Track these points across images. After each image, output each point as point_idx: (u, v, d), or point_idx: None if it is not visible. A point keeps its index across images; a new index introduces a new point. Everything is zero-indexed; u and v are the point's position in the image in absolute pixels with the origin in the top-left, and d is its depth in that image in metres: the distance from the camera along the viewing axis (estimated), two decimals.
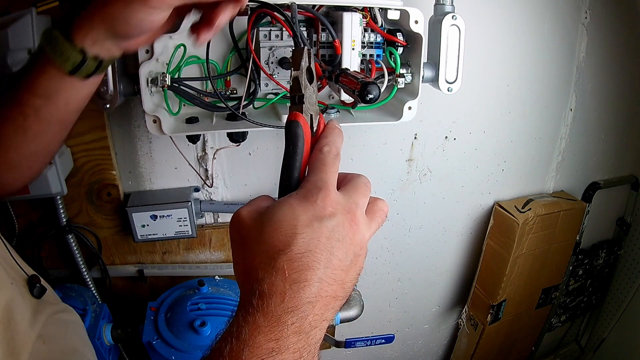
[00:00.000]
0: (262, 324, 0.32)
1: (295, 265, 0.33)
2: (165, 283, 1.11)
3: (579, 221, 1.38)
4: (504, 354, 1.55)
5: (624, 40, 1.25)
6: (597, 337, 1.71)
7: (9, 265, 0.53)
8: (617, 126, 1.39)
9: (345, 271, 0.36)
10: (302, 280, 0.33)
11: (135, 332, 0.93)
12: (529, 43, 1.15)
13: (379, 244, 1.32)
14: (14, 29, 0.73)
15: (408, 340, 1.58)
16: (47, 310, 0.55)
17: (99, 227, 1.03)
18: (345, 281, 0.36)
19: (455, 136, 1.21)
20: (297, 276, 0.33)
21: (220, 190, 1.09)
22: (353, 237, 0.36)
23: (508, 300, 1.37)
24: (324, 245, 0.34)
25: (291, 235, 0.34)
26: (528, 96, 1.22)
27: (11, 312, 0.48)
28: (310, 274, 0.33)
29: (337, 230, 0.35)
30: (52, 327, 0.55)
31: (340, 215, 0.36)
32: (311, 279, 0.33)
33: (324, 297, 0.34)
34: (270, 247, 0.34)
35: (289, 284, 0.33)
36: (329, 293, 0.34)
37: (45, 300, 0.56)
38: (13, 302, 0.49)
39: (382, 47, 0.79)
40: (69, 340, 0.58)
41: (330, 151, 0.39)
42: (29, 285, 0.55)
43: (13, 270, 0.54)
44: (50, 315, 0.55)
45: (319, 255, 0.34)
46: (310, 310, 0.33)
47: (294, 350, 0.32)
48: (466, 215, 1.36)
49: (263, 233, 0.35)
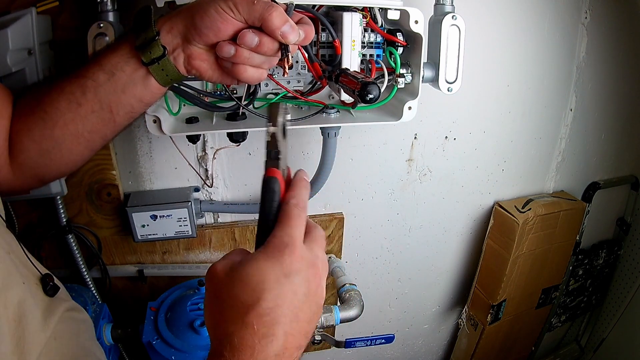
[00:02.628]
0: None
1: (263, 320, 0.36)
2: (165, 283, 1.11)
3: (579, 221, 1.38)
4: (504, 354, 1.55)
5: (624, 40, 1.24)
6: (597, 337, 1.71)
7: (22, 264, 0.54)
8: (617, 126, 1.39)
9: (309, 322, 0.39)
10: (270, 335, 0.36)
11: (135, 332, 0.93)
12: (529, 43, 1.15)
13: (379, 243, 1.32)
14: (14, 29, 0.73)
15: (408, 340, 1.58)
16: (59, 309, 0.56)
17: (99, 227, 1.03)
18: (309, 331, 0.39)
19: (455, 136, 1.21)
20: (265, 331, 0.36)
21: (220, 190, 1.09)
22: (316, 290, 0.40)
23: (508, 300, 1.37)
24: (290, 301, 0.37)
25: (259, 291, 0.36)
26: (528, 96, 1.22)
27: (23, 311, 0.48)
28: (278, 328, 0.36)
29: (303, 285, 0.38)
30: (64, 325, 0.55)
31: (305, 271, 0.39)
32: (278, 333, 0.36)
33: (289, 349, 0.37)
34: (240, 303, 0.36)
35: (258, 338, 0.35)
36: (294, 344, 0.37)
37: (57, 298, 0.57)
38: (25, 301, 0.49)
39: (382, 47, 0.79)
40: (80, 339, 0.58)
41: (297, 204, 0.42)
42: (42, 283, 0.55)
43: (26, 269, 0.54)
44: (63, 313, 0.56)
45: (286, 310, 0.37)
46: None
47: None
48: (466, 215, 1.36)
49: (234, 287, 0.37)
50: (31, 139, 0.54)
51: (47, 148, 0.55)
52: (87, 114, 0.54)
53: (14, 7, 0.76)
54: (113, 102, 0.54)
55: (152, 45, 0.51)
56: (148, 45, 0.51)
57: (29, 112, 0.54)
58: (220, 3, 0.50)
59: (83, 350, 0.57)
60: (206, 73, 0.55)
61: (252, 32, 0.51)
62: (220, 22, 0.50)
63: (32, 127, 0.54)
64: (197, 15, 0.51)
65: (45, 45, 0.80)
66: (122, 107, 0.55)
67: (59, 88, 0.53)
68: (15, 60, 0.73)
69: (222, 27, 0.51)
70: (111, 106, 0.54)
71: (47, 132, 0.54)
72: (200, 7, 0.51)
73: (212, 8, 0.50)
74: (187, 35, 0.52)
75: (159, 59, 0.52)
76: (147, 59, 0.52)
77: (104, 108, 0.54)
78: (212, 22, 0.50)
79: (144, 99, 0.56)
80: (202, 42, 0.52)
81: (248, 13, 0.50)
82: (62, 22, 0.83)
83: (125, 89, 0.53)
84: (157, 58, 0.52)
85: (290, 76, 0.80)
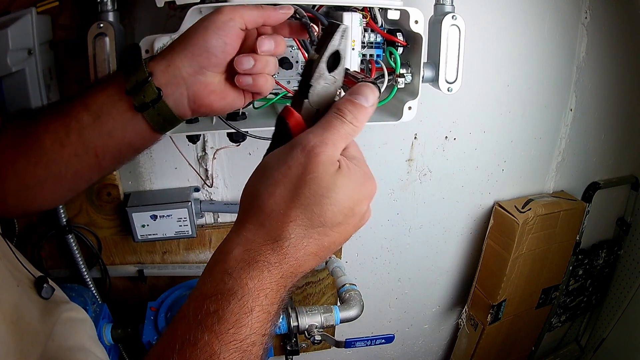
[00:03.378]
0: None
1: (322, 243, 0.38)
2: (165, 283, 1.11)
3: (579, 221, 1.38)
4: (504, 354, 1.55)
5: (624, 40, 1.24)
6: (597, 337, 1.71)
7: (15, 267, 0.53)
8: (617, 126, 1.39)
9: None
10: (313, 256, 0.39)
11: (135, 332, 0.93)
12: (529, 43, 1.15)
13: (379, 243, 1.32)
14: (14, 29, 0.73)
15: (408, 340, 1.58)
16: (56, 311, 0.55)
17: (99, 227, 1.03)
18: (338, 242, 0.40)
19: (455, 136, 1.20)
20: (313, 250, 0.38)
21: (220, 190, 1.09)
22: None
23: (508, 300, 1.37)
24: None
25: (342, 215, 0.38)
26: (528, 96, 1.22)
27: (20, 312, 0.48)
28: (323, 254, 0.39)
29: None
30: (63, 327, 0.54)
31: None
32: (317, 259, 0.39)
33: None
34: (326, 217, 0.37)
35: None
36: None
37: (54, 300, 0.56)
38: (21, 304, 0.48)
39: (382, 47, 0.79)
40: (79, 339, 0.57)
41: (343, 114, 0.39)
42: (37, 287, 0.54)
43: (19, 272, 0.53)
44: (60, 315, 0.55)
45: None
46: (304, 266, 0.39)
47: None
48: (466, 215, 1.36)
49: (338, 202, 0.37)
50: (14, 172, 0.50)
51: (29, 184, 0.51)
52: (71, 156, 0.50)
53: (14, 7, 0.76)
54: (98, 147, 0.50)
55: (145, 89, 0.47)
56: (140, 88, 0.47)
57: (15, 144, 0.50)
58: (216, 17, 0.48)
59: (84, 352, 0.57)
60: (218, 104, 0.51)
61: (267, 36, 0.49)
62: (225, 35, 0.47)
63: (16, 160, 0.50)
64: (198, 38, 0.47)
65: (45, 45, 0.80)
66: (109, 152, 0.51)
67: (44, 124, 0.50)
68: (15, 60, 0.73)
69: (228, 40, 0.48)
70: (96, 150, 0.50)
71: (30, 169, 0.50)
72: (197, 30, 0.48)
73: (212, 24, 0.47)
74: (190, 67, 0.48)
75: (155, 103, 0.48)
76: (139, 103, 0.48)
77: (89, 152, 0.50)
78: (217, 39, 0.47)
79: (134, 144, 0.52)
80: (211, 67, 0.49)
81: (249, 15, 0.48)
82: (62, 22, 0.83)
83: (112, 134, 0.49)
84: (153, 101, 0.48)
85: (290, 76, 0.80)
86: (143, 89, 0.47)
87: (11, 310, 0.46)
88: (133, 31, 0.87)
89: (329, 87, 0.38)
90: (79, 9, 0.82)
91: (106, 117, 0.48)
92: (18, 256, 0.55)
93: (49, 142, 0.49)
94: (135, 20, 0.87)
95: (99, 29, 0.68)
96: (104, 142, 0.50)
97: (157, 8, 0.65)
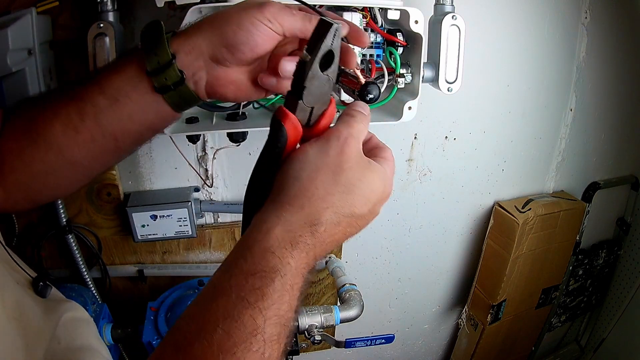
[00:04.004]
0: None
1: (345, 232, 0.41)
2: (165, 283, 1.11)
3: (579, 221, 1.38)
4: (504, 354, 1.55)
5: (624, 40, 1.24)
6: (597, 337, 1.71)
7: (12, 269, 0.53)
8: (617, 126, 1.39)
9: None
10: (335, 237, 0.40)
11: (135, 332, 0.93)
12: (529, 43, 1.15)
13: (379, 244, 1.32)
14: (14, 29, 0.73)
15: (408, 340, 1.58)
16: (58, 309, 0.55)
17: (99, 227, 1.03)
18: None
19: (455, 136, 1.20)
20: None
21: (220, 190, 1.09)
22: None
23: (508, 300, 1.37)
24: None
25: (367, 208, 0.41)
26: (528, 96, 1.22)
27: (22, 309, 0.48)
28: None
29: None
30: (68, 327, 0.54)
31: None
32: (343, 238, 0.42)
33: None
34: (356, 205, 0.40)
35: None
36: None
37: (54, 299, 0.56)
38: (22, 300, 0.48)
39: (382, 47, 0.79)
40: (84, 339, 0.57)
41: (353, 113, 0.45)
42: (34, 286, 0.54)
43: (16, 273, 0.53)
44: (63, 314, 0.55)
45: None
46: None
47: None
48: (466, 215, 1.36)
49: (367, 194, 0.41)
50: (22, 161, 0.48)
51: (39, 172, 0.49)
52: (86, 142, 0.47)
53: (14, 7, 0.76)
54: (117, 131, 0.47)
55: (167, 71, 0.45)
56: (162, 70, 0.45)
57: (21, 132, 0.48)
58: (255, 14, 0.44)
59: (91, 352, 0.56)
60: (232, 95, 0.49)
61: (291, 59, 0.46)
62: (258, 36, 0.44)
63: (23, 148, 0.48)
64: (229, 29, 0.44)
65: (45, 45, 0.80)
66: (129, 135, 0.48)
67: (53, 109, 0.47)
68: (15, 60, 0.73)
69: (260, 41, 0.45)
70: (115, 135, 0.47)
71: (39, 156, 0.48)
72: (231, 21, 0.45)
73: (247, 21, 0.44)
74: (215, 55, 0.45)
75: (177, 86, 0.46)
76: (160, 82, 0.45)
77: (107, 137, 0.47)
78: (248, 37, 0.44)
79: (155, 126, 0.50)
80: (235, 61, 0.46)
81: (290, 24, 0.45)
82: (62, 22, 0.83)
83: (132, 117, 0.47)
84: (175, 84, 0.46)
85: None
86: (165, 71, 0.45)
87: (13, 307, 0.46)
88: (133, 31, 0.87)
89: (323, 86, 0.39)
90: (79, 9, 0.82)
91: (125, 100, 0.46)
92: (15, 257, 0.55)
93: (60, 127, 0.46)
94: (135, 20, 0.87)
95: (99, 29, 0.68)
96: (124, 126, 0.47)
97: (157, 8, 0.65)
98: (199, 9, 0.62)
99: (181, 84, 0.46)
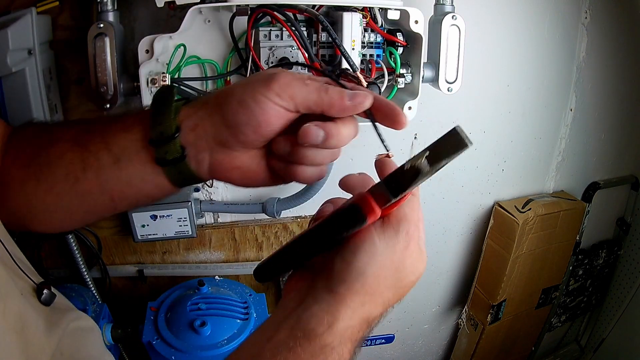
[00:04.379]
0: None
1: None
2: (165, 283, 1.11)
3: (579, 221, 1.38)
4: (504, 354, 1.55)
5: (624, 40, 1.24)
6: (597, 337, 1.71)
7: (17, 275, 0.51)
8: (617, 126, 1.39)
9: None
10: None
11: (135, 332, 0.93)
12: (529, 43, 1.15)
13: None
14: (14, 29, 0.73)
15: (408, 340, 1.58)
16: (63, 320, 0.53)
17: (99, 227, 1.03)
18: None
19: None
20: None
21: (220, 190, 1.09)
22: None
23: (508, 300, 1.37)
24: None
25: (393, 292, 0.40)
26: (528, 96, 1.22)
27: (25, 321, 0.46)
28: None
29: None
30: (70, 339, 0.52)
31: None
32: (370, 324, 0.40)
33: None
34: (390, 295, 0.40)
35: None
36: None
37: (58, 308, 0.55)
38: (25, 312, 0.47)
39: (382, 47, 0.80)
40: (88, 350, 0.56)
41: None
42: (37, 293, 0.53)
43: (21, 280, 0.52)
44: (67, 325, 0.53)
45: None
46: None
47: None
48: (466, 215, 1.36)
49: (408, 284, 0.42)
50: (23, 193, 0.46)
51: (37, 210, 0.47)
52: (85, 193, 0.45)
53: (14, 7, 0.76)
54: (115, 191, 0.45)
55: (168, 144, 0.41)
56: (164, 142, 0.41)
57: (26, 162, 0.46)
58: (261, 89, 0.38)
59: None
60: (238, 181, 0.44)
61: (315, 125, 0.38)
62: (262, 115, 0.38)
63: (25, 181, 0.46)
64: (230, 108, 0.39)
65: (45, 45, 0.80)
66: (125, 199, 0.46)
67: (60, 149, 0.45)
68: (15, 60, 0.73)
69: (264, 120, 0.38)
70: (113, 195, 0.45)
71: (39, 194, 0.45)
72: (233, 97, 0.39)
73: (250, 97, 0.38)
74: (217, 137, 0.40)
75: (176, 162, 0.41)
76: (160, 153, 0.41)
77: (104, 194, 0.45)
78: (250, 116, 0.38)
79: (153, 195, 0.46)
80: (240, 144, 0.40)
81: (303, 98, 0.38)
82: (62, 22, 0.83)
83: (131, 182, 0.44)
84: (174, 160, 0.41)
85: None
86: (167, 144, 0.41)
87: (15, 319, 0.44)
88: (133, 31, 0.87)
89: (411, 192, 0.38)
90: (79, 9, 0.82)
91: (126, 163, 0.43)
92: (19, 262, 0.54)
93: (62, 170, 0.44)
94: (135, 20, 0.87)
95: (99, 29, 0.68)
96: (122, 189, 0.45)
97: (157, 8, 0.65)
98: (199, 9, 0.62)
99: (181, 161, 0.41)
